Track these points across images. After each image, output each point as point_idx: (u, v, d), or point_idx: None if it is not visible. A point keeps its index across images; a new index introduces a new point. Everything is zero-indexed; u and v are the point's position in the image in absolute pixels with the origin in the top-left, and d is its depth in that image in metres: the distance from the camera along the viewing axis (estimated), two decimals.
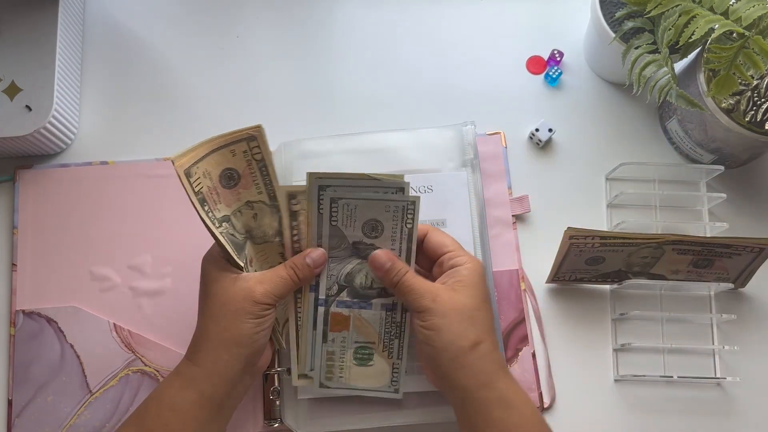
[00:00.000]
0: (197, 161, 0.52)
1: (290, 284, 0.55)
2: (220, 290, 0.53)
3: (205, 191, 0.53)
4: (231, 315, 0.52)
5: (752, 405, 0.64)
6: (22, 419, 0.62)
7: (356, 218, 0.55)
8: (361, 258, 0.56)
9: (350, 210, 0.55)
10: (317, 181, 0.54)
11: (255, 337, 0.53)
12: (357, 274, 0.57)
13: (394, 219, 0.54)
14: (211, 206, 0.53)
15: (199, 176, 0.52)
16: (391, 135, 0.66)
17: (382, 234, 0.55)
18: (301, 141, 0.66)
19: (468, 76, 0.73)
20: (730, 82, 0.58)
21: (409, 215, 0.54)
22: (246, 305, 0.52)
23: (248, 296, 0.53)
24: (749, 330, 0.66)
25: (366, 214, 0.55)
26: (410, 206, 0.54)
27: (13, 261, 0.66)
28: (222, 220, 0.54)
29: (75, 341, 0.64)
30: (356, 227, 0.55)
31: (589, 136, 0.71)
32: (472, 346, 0.52)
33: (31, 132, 0.64)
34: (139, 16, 0.75)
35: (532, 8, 0.75)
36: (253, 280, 0.53)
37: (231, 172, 0.54)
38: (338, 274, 0.57)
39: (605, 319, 0.66)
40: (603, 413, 0.64)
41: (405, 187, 0.54)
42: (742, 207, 0.69)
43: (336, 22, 0.75)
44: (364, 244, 0.56)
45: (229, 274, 0.54)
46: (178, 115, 0.71)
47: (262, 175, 0.55)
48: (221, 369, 0.52)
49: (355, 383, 0.58)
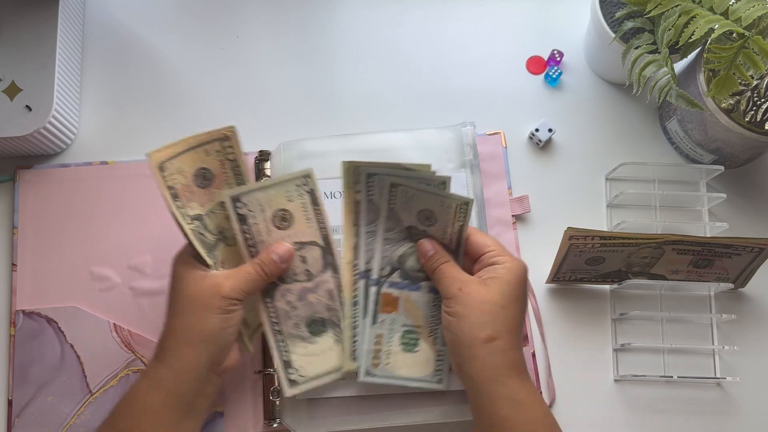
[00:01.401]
0: (171, 157, 0.53)
1: (258, 280, 0.55)
2: (187, 287, 0.53)
3: (178, 188, 0.54)
4: (197, 310, 0.53)
5: (752, 405, 0.64)
6: (22, 419, 0.62)
7: (413, 205, 0.57)
8: (413, 242, 0.59)
9: (408, 197, 0.57)
10: (364, 169, 0.56)
11: (221, 334, 0.53)
12: (409, 257, 0.59)
13: (447, 214, 0.56)
14: (184, 203, 0.54)
15: (173, 172, 0.53)
16: (390, 135, 0.66)
17: (436, 224, 0.57)
18: (300, 141, 0.66)
19: (468, 76, 0.73)
20: (730, 82, 0.58)
21: (461, 214, 0.56)
22: (213, 300, 0.53)
23: (215, 291, 0.53)
24: (749, 330, 0.66)
25: (422, 203, 0.57)
26: (463, 206, 0.56)
27: (13, 261, 0.66)
28: (194, 218, 0.55)
29: (75, 341, 0.64)
30: (412, 213, 0.58)
31: (589, 136, 0.71)
32: (487, 340, 0.52)
33: (31, 132, 0.64)
34: (139, 16, 0.75)
35: (532, 8, 0.75)
36: (220, 276, 0.54)
37: (205, 172, 0.55)
38: (391, 255, 0.59)
39: (605, 319, 0.66)
40: (603, 413, 0.64)
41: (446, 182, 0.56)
42: (742, 207, 0.69)
43: (336, 22, 0.75)
44: (417, 229, 0.58)
45: (198, 272, 0.54)
46: (178, 115, 0.71)
47: (235, 175, 0.56)
48: (186, 365, 0.52)
49: (400, 371, 0.59)
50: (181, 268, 0.55)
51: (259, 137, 0.69)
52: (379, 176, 0.57)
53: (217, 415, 0.63)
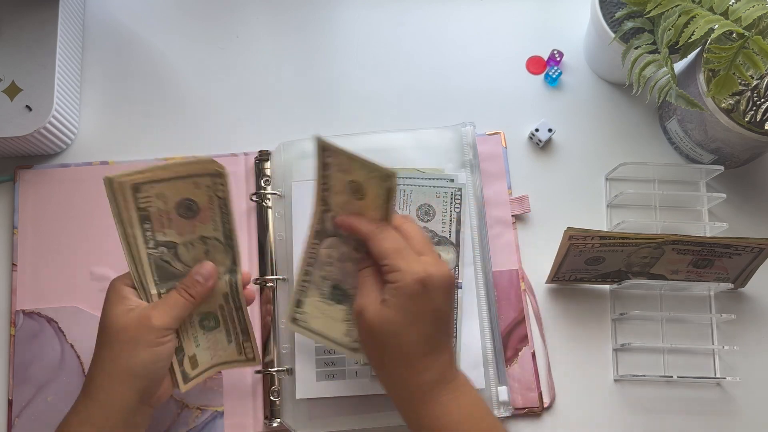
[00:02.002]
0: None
1: (186, 304, 0.53)
2: (115, 318, 0.52)
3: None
4: (126, 344, 0.51)
5: (752, 405, 0.64)
6: (22, 419, 0.62)
7: (411, 202, 0.61)
8: None
9: (406, 195, 0.61)
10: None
11: (151, 368, 0.52)
12: None
13: (444, 204, 0.59)
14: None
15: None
16: (390, 135, 0.66)
17: (434, 218, 0.60)
18: (300, 141, 0.66)
19: (468, 76, 0.73)
20: (729, 82, 0.58)
21: (457, 200, 0.59)
22: (141, 333, 0.51)
23: (143, 323, 0.51)
24: (749, 330, 0.66)
25: (420, 198, 0.61)
26: (458, 192, 0.59)
27: (13, 261, 0.66)
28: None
29: (75, 341, 0.64)
30: (411, 211, 0.61)
31: (589, 136, 0.71)
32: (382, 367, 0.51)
33: (31, 132, 0.64)
34: (139, 16, 0.75)
35: (532, 8, 0.75)
36: (148, 307, 0.52)
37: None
38: None
39: (605, 319, 0.66)
40: (603, 413, 0.64)
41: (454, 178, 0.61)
42: (741, 207, 0.69)
43: (336, 22, 0.75)
44: None
45: (127, 303, 0.52)
46: (178, 115, 0.71)
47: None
48: (116, 402, 0.51)
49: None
50: (112, 296, 0.53)
51: (259, 137, 0.70)
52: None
53: (217, 415, 0.63)
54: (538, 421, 0.63)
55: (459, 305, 0.62)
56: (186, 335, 0.56)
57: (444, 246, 0.62)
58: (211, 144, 0.70)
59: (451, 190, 0.62)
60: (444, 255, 0.62)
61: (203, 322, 0.57)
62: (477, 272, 0.63)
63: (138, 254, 0.53)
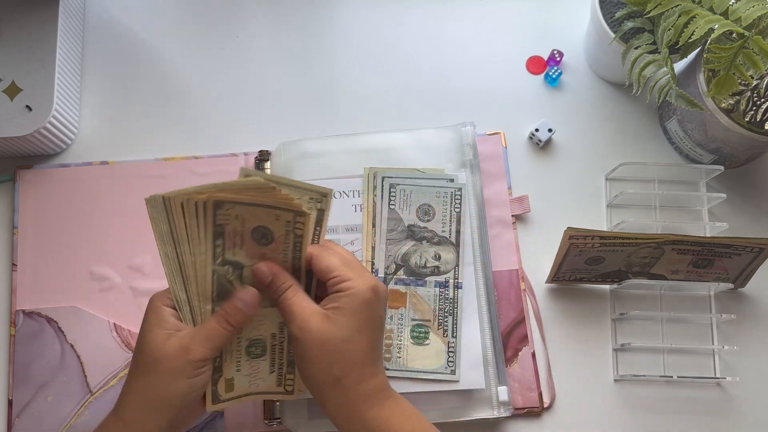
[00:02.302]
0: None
1: (225, 334, 0.51)
2: (153, 344, 0.50)
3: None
4: (162, 374, 0.50)
5: (752, 405, 0.64)
6: (22, 419, 0.62)
7: (411, 202, 0.62)
8: (415, 240, 0.62)
9: (406, 195, 0.62)
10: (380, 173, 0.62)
11: (187, 399, 0.50)
12: (412, 254, 0.62)
13: (444, 204, 0.61)
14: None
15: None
16: (390, 135, 0.66)
17: (434, 218, 0.61)
18: (300, 141, 0.66)
19: (468, 76, 0.73)
20: (729, 82, 0.58)
21: (457, 200, 0.61)
22: (179, 364, 0.49)
23: (181, 355, 0.50)
24: (749, 330, 0.66)
25: (420, 198, 0.62)
26: (458, 192, 0.60)
27: (13, 261, 0.66)
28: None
29: (75, 341, 0.64)
30: (411, 211, 0.62)
31: (589, 136, 0.71)
32: (333, 383, 0.49)
33: (31, 132, 0.64)
34: (140, 16, 0.75)
35: (532, 8, 0.75)
36: (187, 337, 0.50)
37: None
38: (395, 254, 0.62)
39: (605, 319, 0.66)
40: (603, 413, 0.64)
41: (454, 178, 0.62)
42: (741, 207, 0.69)
43: (336, 22, 0.75)
44: (418, 227, 0.62)
45: (167, 325, 0.51)
46: (178, 115, 0.71)
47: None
48: (146, 428, 0.50)
49: (413, 365, 0.60)
50: (152, 317, 0.51)
51: (259, 137, 0.70)
52: (387, 179, 0.62)
53: (218, 415, 0.63)
54: (538, 421, 0.63)
55: (459, 305, 0.62)
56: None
57: (444, 246, 0.62)
58: (211, 144, 0.70)
59: (451, 190, 0.63)
60: (444, 255, 0.62)
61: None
62: (477, 272, 0.63)
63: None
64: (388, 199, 0.62)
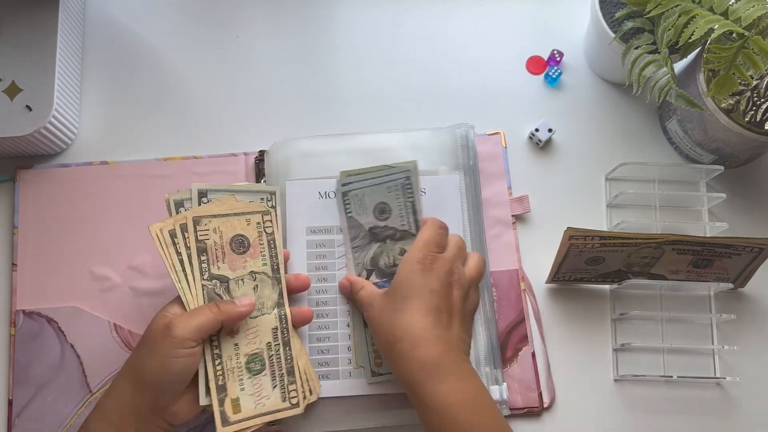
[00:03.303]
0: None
1: (210, 316, 0.53)
2: (151, 323, 0.54)
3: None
4: (144, 350, 0.53)
5: (752, 405, 0.64)
6: (22, 419, 0.62)
7: (366, 205, 0.61)
8: (379, 241, 0.61)
9: (359, 199, 0.61)
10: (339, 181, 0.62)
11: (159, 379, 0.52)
12: (379, 256, 0.61)
13: (397, 197, 0.60)
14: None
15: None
16: (385, 136, 0.66)
17: (392, 214, 0.60)
18: (295, 140, 0.66)
19: (468, 76, 0.73)
20: (729, 82, 0.58)
21: (408, 188, 0.59)
22: (159, 339, 0.52)
23: (164, 331, 0.52)
24: (749, 330, 0.66)
25: (373, 199, 0.61)
26: (407, 180, 0.60)
27: (13, 261, 0.66)
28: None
29: (75, 341, 0.64)
30: (368, 213, 0.61)
31: (589, 136, 0.71)
32: (389, 348, 0.53)
33: (31, 132, 0.64)
34: (140, 16, 0.75)
35: (532, 8, 0.75)
36: (175, 317, 0.53)
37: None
38: (364, 260, 0.61)
39: (605, 319, 0.66)
40: (603, 413, 0.64)
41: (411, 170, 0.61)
42: (742, 207, 0.69)
43: (336, 22, 0.75)
44: (378, 227, 0.61)
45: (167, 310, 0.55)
46: (178, 115, 0.71)
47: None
48: (127, 402, 0.52)
49: None
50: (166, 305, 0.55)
51: (259, 137, 0.69)
52: (339, 187, 0.62)
53: None
54: (538, 421, 0.63)
55: None
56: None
57: (407, 240, 0.61)
58: (211, 144, 0.70)
59: (401, 181, 0.61)
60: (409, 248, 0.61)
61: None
62: None
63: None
64: (344, 208, 0.62)
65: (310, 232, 0.63)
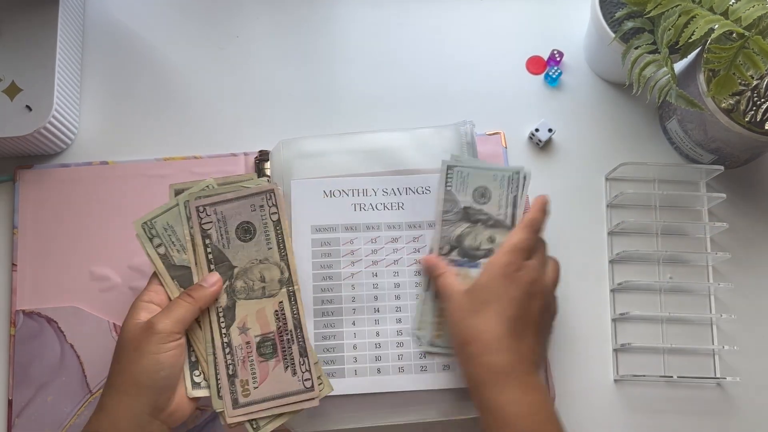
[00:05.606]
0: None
1: (187, 306, 0.54)
2: (125, 332, 0.53)
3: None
4: (130, 353, 0.52)
5: (752, 405, 0.64)
6: (22, 419, 0.62)
7: (468, 184, 0.62)
8: (470, 222, 0.62)
9: (463, 177, 0.62)
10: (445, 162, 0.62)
11: (154, 376, 0.52)
12: (467, 236, 0.61)
13: (501, 186, 0.61)
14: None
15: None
16: (389, 135, 0.66)
17: (491, 200, 0.61)
18: (299, 139, 0.66)
19: (468, 77, 0.73)
20: (729, 82, 0.58)
21: (514, 182, 0.61)
22: (143, 339, 0.52)
23: (146, 331, 0.52)
24: (749, 330, 0.66)
25: (477, 181, 0.62)
26: (515, 174, 0.61)
27: (13, 261, 0.66)
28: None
29: (75, 341, 0.64)
30: (468, 193, 0.62)
31: (589, 136, 0.71)
32: (461, 347, 0.54)
33: (31, 132, 0.64)
34: (140, 16, 0.75)
35: (532, 8, 0.75)
36: (154, 316, 0.53)
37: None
38: (450, 235, 0.62)
39: (605, 318, 0.66)
40: (603, 413, 0.64)
41: None
42: (741, 207, 0.69)
43: (336, 22, 0.75)
44: (473, 209, 0.62)
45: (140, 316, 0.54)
46: (178, 115, 0.71)
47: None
48: (124, 412, 0.51)
49: None
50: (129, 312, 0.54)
51: (259, 137, 0.70)
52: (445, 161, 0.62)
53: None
54: None
55: None
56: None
57: (499, 229, 0.62)
58: (211, 144, 0.70)
59: (508, 174, 0.62)
60: (498, 238, 0.62)
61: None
62: None
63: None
64: (445, 180, 0.62)
65: (315, 230, 0.63)
